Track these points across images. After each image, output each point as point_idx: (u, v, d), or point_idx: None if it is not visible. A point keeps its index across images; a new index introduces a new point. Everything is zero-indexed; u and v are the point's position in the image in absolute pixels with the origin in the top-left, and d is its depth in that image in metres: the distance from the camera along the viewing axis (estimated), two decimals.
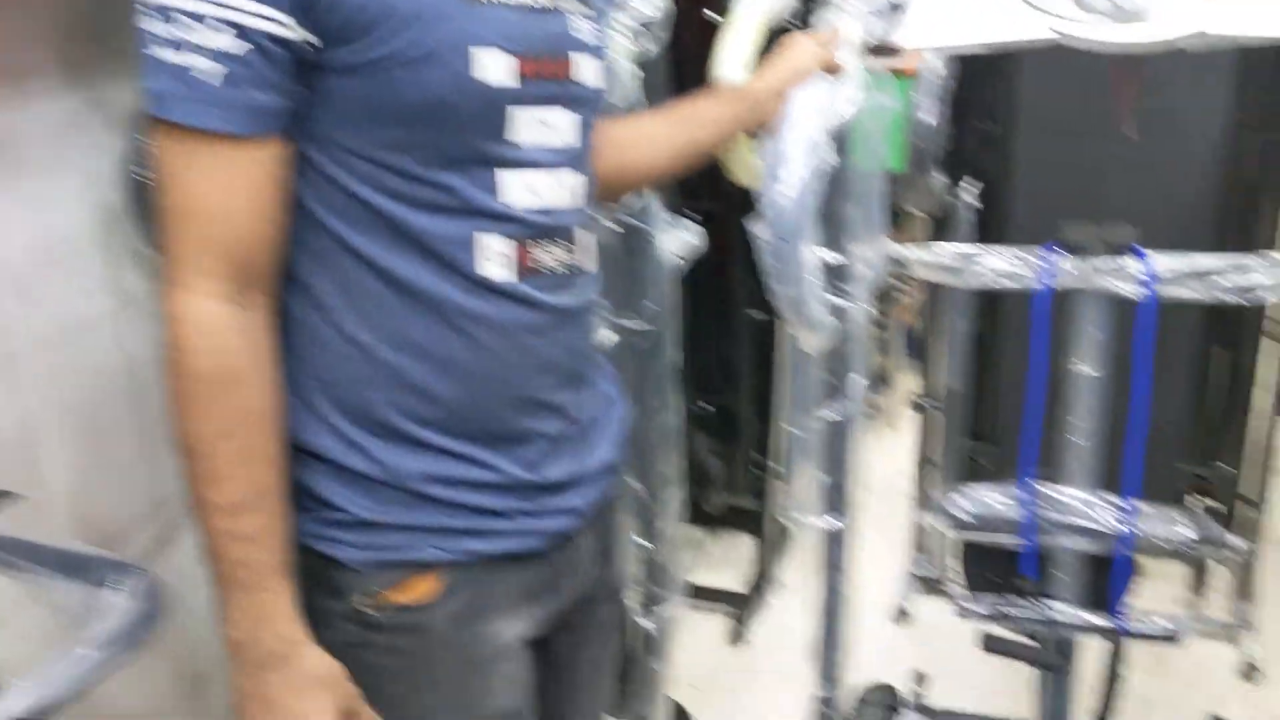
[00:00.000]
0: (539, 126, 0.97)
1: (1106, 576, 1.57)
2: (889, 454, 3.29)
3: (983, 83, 2.10)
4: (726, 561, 2.76)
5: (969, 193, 2.07)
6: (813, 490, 1.58)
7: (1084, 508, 1.54)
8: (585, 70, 1.02)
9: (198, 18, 0.82)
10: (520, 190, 0.97)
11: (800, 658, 1.76)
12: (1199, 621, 2.43)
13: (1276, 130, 1.98)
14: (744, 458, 2.58)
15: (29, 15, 1.25)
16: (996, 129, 2.10)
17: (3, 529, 1.02)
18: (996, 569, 1.65)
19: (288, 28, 0.84)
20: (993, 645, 1.63)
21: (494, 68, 0.92)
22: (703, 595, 2.55)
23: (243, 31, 0.82)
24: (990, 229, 2.13)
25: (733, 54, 1.34)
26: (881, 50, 1.34)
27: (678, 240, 1.60)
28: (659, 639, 1.74)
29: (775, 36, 1.35)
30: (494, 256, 0.96)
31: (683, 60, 1.57)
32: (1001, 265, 1.46)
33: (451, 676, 1.03)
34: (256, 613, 0.90)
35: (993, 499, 1.59)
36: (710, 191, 2.17)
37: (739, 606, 2.51)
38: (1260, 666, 2.28)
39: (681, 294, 2.34)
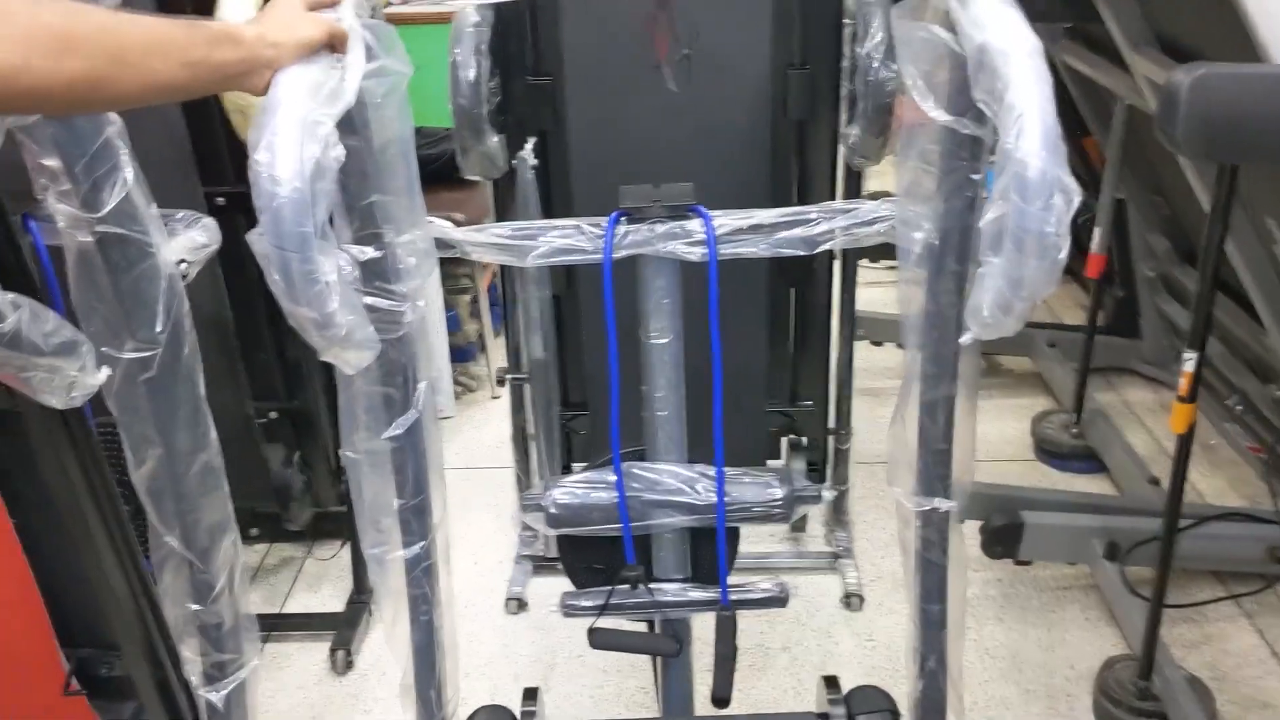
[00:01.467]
0: None
1: (710, 549, 1.50)
2: (494, 424, 3.14)
3: (524, 31, 1.92)
4: (325, 578, 2.50)
5: (530, 155, 1.90)
6: (386, 517, 1.37)
7: (676, 483, 1.45)
8: None
9: None
10: None
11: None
12: (801, 559, 2.49)
13: (816, 63, 1.95)
14: (325, 462, 2.32)
15: None
16: (546, 82, 1.93)
17: None
18: (598, 558, 1.54)
19: None
20: (599, 641, 1.52)
21: None
22: (297, 625, 2.28)
23: None
24: (555, 191, 1.99)
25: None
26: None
27: (182, 242, 1.31)
28: (229, 709, 1.48)
29: None
30: None
31: None
32: (560, 241, 1.31)
33: None
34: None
35: (585, 488, 1.47)
36: (236, 171, 1.87)
37: (340, 629, 2.25)
38: (860, 592, 2.36)
39: (223, 292, 2.05)
